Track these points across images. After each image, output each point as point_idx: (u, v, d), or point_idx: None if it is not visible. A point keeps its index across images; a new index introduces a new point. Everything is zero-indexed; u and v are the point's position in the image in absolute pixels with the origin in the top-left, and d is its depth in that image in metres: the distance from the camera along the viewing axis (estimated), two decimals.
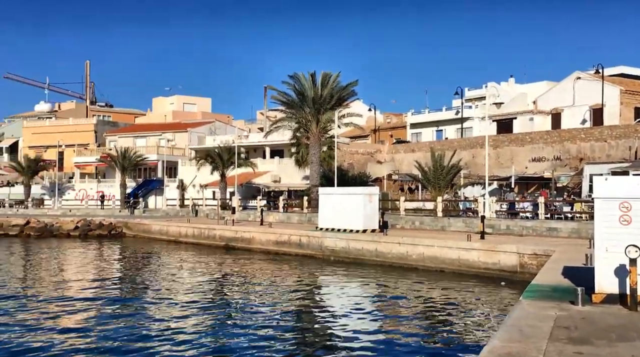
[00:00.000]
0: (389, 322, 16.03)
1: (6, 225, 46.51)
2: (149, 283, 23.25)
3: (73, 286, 22.45)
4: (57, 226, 45.46)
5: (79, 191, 64.07)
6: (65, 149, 69.40)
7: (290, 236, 31.89)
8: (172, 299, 19.56)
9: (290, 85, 41.62)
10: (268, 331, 14.93)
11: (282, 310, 17.68)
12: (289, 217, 39.84)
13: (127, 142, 66.59)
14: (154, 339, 14.18)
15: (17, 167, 64.27)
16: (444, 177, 36.60)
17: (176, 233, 40.23)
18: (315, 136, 41.65)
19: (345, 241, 28.88)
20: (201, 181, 56.32)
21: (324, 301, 19.70)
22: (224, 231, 36.66)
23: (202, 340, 14.08)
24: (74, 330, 15.10)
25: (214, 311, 17.49)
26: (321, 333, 14.95)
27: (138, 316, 16.86)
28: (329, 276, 24.39)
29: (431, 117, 62.29)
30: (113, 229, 45.23)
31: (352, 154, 55.73)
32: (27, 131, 78.06)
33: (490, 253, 23.03)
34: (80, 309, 17.90)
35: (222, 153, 51.54)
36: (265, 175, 54.47)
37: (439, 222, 31.45)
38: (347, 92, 42.28)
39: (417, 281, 22.47)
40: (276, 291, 20.93)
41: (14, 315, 16.91)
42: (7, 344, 13.63)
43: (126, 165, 58.32)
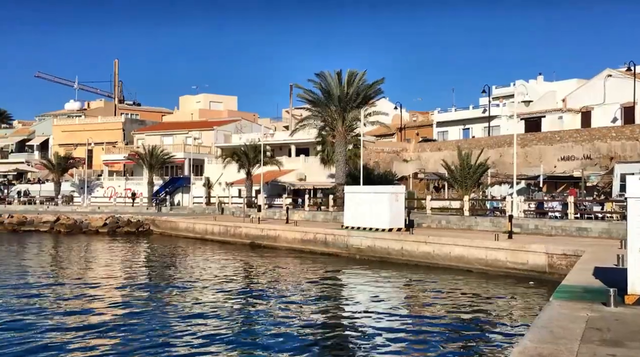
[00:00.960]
0: (416, 321, 15.91)
1: (37, 221, 47.39)
2: (176, 280, 23.47)
3: (101, 282, 22.78)
4: (86, 222, 46.16)
5: (108, 188, 65.02)
6: (94, 146, 70.44)
7: (316, 234, 31.92)
8: (198, 295, 19.73)
9: (316, 84, 41.62)
10: (294, 329, 14.95)
11: (308, 308, 17.71)
12: (314, 216, 39.88)
13: (154, 140, 67.32)
14: (179, 335, 14.30)
15: (47, 165, 65.41)
16: (471, 176, 36.26)
17: (202, 230, 40.56)
18: (341, 134, 41.57)
19: (371, 239, 28.81)
20: (227, 179, 56.67)
21: (349, 299, 19.67)
22: (250, 228, 36.85)
23: (227, 336, 14.16)
24: (102, 325, 15.32)
25: (240, 308, 17.61)
26: (347, 332, 14.92)
27: (165, 312, 17.04)
28: (354, 275, 24.36)
29: (458, 115, 61.75)
30: (140, 226, 45.76)
31: (378, 153, 55.53)
32: (58, 129, 79.35)
33: (518, 253, 22.75)
34: (108, 304, 18.18)
35: (248, 151, 51.79)
36: (291, 174, 54.59)
37: (465, 222, 31.18)
38: (373, 91, 42.10)
39: (444, 280, 22.30)
40: (302, 289, 20.97)
41: (43, 310, 17.21)
42: (34, 339, 13.87)
43: (153, 163, 58.97)
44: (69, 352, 12.82)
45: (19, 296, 19.31)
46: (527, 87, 57.00)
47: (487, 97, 57.73)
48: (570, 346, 7.46)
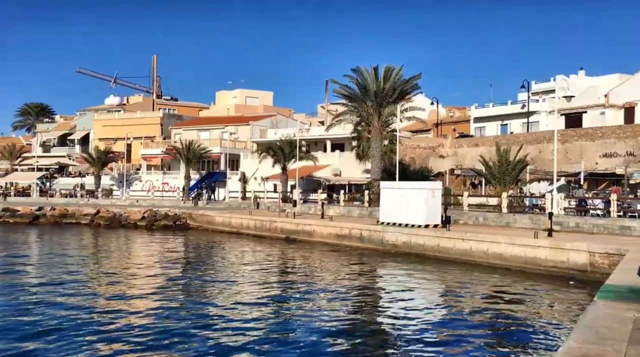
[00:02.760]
0: (453, 319, 15.72)
1: (78, 214, 48.45)
2: (212, 273, 23.69)
3: (139, 275, 23.17)
4: (125, 216, 46.98)
5: (146, 182, 66.14)
6: (133, 141, 71.73)
7: (351, 230, 31.85)
8: (234, 289, 19.90)
9: (352, 79, 41.50)
10: (328, 324, 14.93)
11: (342, 304, 17.66)
12: (350, 211, 39.80)
13: (191, 135, 68.11)
14: (214, 328, 14.42)
15: (88, 159, 66.85)
16: (509, 173, 35.69)
17: (238, 225, 40.88)
18: (377, 130, 41.38)
19: (406, 235, 28.61)
20: (263, 174, 57.00)
21: (385, 295, 19.54)
22: (285, 223, 36.98)
23: (262, 330, 14.24)
24: (138, 315, 15.56)
25: (275, 301, 17.67)
26: (382, 328, 14.84)
27: (201, 304, 17.21)
28: (390, 271, 24.22)
29: (496, 111, 60.82)
30: (178, 220, 46.35)
31: (414, 148, 55.10)
32: (98, 124, 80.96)
33: (558, 251, 22.29)
34: (144, 296, 18.45)
35: (284, 146, 51.99)
36: (326, 169, 54.59)
37: (503, 219, 30.69)
38: (409, 86, 41.75)
39: (482, 277, 22.00)
40: (336, 284, 20.93)
41: (82, 301, 17.57)
42: (70, 329, 14.17)
43: (190, 157, 59.70)
44: (108, 340, 13.06)
45: (57, 290, 19.73)
46: (568, 82, 55.77)
47: (526, 92, 56.68)
48: (618, 346, 7.24)
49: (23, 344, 12.74)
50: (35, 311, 15.97)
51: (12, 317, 15.15)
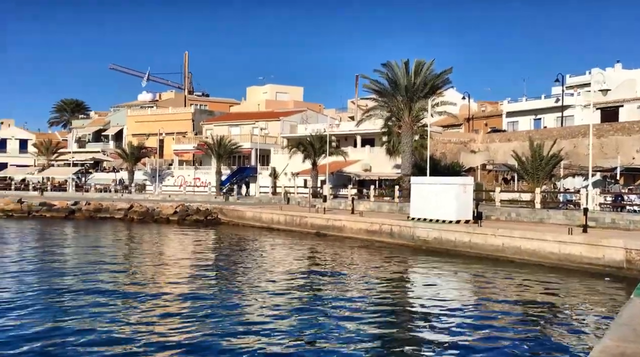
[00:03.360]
0: (486, 316, 15.57)
1: (112, 209, 49.30)
2: (243, 268, 23.88)
3: (172, 269, 23.49)
4: (157, 210, 47.65)
5: (178, 177, 66.97)
6: (165, 136, 72.63)
7: (382, 225, 31.76)
8: (264, 284, 19.99)
9: (382, 74, 41.27)
10: (359, 320, 14.93)
11: (373, 299, 17.64)
12: (380, 207, 39.69)
13: (222, 131, 68.67)
14: (245, 324, 14.52)
15: (121, 154, 67.95)
16: (542, 168, 35.13)
17: (269, 220, 41.09)
18: (408, 125, 41.12)
19: (437, 231, 28.41)
20: (293, 169, 57.16)
21: (415, 291, 19.46)
22: (315, 218, 37.06)
23: (292, 325, 14.30)
24: (171, 314, 15.78)
25: (305, 298, 17.73)
26: (412, 325, 14.75)
27: (231, 300, 17.36)
28: (420, 267, 24.09)
29: (529, 105, 59.86)
30: (209, 215, 46.81)
31: (445, 143, 54.63)
32: (131, 120, 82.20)
33: (593, 247, 21.87)
34: (177, 290, 18.69)
35: (314, 141, 52.05)
36: (356, 164, 54.50)
37: (537, 214, 30.23)
38: (440, 80, 41.36)
39: (514, 274, 21.71)
40: (367, 280, 20.92)
41: (115, 297, 17.89)
42: (103, 324, 14.44)
43: (221, 153, 60.22)
44: (141, 336, 13.28)
45: (92, 284, 20.13)
46: (604, 76, 54.56)
47: (560, 86, 55.64)
48: None
49: (57, 336, 13.04)
50: (69, 304, 16.33)
51: (48, 309, 15.53)
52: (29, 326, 13.82)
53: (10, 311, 15.34)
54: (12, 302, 16.36)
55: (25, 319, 14.48)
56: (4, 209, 50.20)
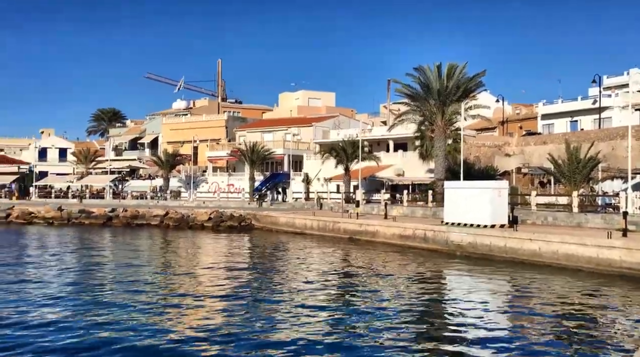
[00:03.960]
0: (522, 324, 15.27)
1: (148, 215, 50.06)
2: (277, 272, 23.98)
3: (207, 273, 23.74)
4: (192, 217, 48.20)
5: (212, 183, 67.70)
6: (199, 144, 73.60)
7: (415, 230, 31.57)
8: (298, 289, 20.01)
9: (414, 78, 41.14)
10: (393, 326, 14.86)
11: (406, 306, 17.51)
12: (413, 211, 39.45)
13: (255, 137, 69.22)
14: (278, 327, 14.60)
15: (157, 161, 69.03)
16: (580, 171, 34.48)
17: (302, 225, 41.21)
18: (440, 129, 40.85)
19: (472, 235, 28.10)
20: (325, 175, 57.27)
21: (450, 297, 19.21)
22: (348, 223, 37.02)
23: (326, 331, 14.31)
24: (207, 316, 15.97)
25: (339, 302, 17.74)
26: (447, 333, 14.53)
27: (265, 303, 17.47)
28: (455, 272, 23.85)
29: (565, 107, 58.83)
30: (243, 221, 47.16)
31: (479, 147, 54.05)
32: (166, 127, 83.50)
33: (634, 252, 21.34)
34: (212, 294, 18.88)
35: (346, 147, 52.09)
36: (389, 169, 54.32)
37: (574, 218, 29.66)
38: (473, 83, 41.02)
39: (552, 279, 21.34)
40: (400, 286, 20.78)
41: (151, 300, 18.19)
42: (137, 326, 14.70)
43: (254, 159, 60.66)
44: (176, 339, 13.47)
45: (130, 289, 20.50)
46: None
47: (597, 87, 54.54)
48: None
49: (95, 337, 13.34)
50: (106, 308, 16.64)
51: (86, 313, 15.88)
52: (69, 328, 14.19)
53: (53, 313, 15.74)
54: (56, 305, 16.79)
55: (65, 321, 14.84)
56: (44, 217, 51.46)
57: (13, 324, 14.62)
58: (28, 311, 16.21)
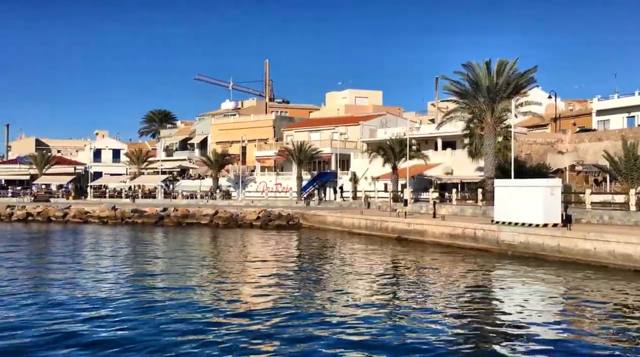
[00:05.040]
0: (577, 328, 14.77)
1: (198, 215, 50.98)
2: (324, 271, 24.05)
3: (256, 270, 24.00)
4: (241, 216, 48.85)
5: (260, 183, 68.39)
6: (247, 143, 74.40)
7: (465, 229, 31.12)
8: (345, 289, 20.03)
9: (463, 75, 40.54)
10: (442, 328, 14.70)
11: (457, 306, 17.29)
12: (462, 210, 38.91)
13: (302, 136, 69.52)
14: (326, 327, 14.57)
15: (206, 161, 70.18)
16: (637, 168, 33.34)
17: (349, 224, 41.20)
18: (490, 126, 40.17)
19: (524, 235, 27.51)
20: (373, 173, 57.06)
21: (501, 299, 18.79)
22: (396, 223, 36.80)
23: (374, 332, 14.23)
24: (255, 312, 16.15)
25: (387, 303, 17.63)
26: (498, 336, 14.11)
27: (312, 299, 17.56)
28: (506, 272, 23.38)
29: (622, 102, 56.87)
30: (291, 220, 47.52)
31: (530, 145, 52.84)
32: (215, 128, 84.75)
33: None
34: (260, 293, 19.08)
35: (394, 145, 51.78)
36: (437, 168, 53.72)
37: (632, 217, 28.67)
38: (524, 80, 40.10)
39: (608, 280, 20.68)
40: (451, 286, 20.52)
41: (206, 297, 18.52)
42: (187, 321, 14.99)
43: (302, 158, 60.98)
44: (219, 336, 13.67)
45: (183, 285, 20.92)
46: None
47: None
48: None
49: (149, 327, 13.69)
50: (160, 307, 17.03)
51: (140, 306, 16.31)
52: (121, 322, 14.69)
53: (107, 308, 16.27)
54: (109, 300, 17.31)
55: (119, 314, 15.30)
56: (99, 216, 53.06)
57: (69, 317, 15.16)
58: (85, 304, 16.81)
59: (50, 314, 15.74)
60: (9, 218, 55.21)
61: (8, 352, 12.43)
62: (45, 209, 56.32)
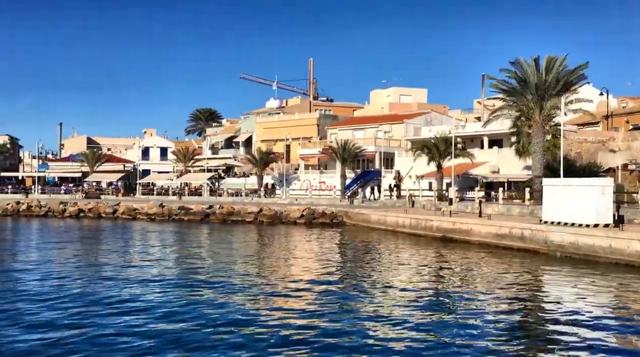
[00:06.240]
0: (632, 338, 14.24)
1: (243, 212, 51.59)
2: (367, 270, 23.99)
3: (299, 267, 24.18)
4: (285, 214, 49.21)
5: (304, 181, 68.70)
6: (291, 142, 74.82)
7: (512, 229, 30.56)
8: (388, 288, 19.83)
9: (510, 72, 39.84)
10: (489, 331, 14.49)
11: (502, 310, 16.88)
12: (509, 210, 38.23)
13: (346, 135, 69.48)
14: (367, 327, 14.53)
15: (251, 160, 70.92)
16: None
17: (393, 223, 40.99)
18: (538, 124, 39.37)
19: (573, 235, 26.84)
20: (417, 172, 56.63)
21: (549, 303, 18.05)
22: (441, 222, 36.42)
23: (417, 334, 14.14)
24: (298, 309, 16.26)
25: (429, 304, 17.46)
26: (545, 342, 13.77)
27: (352, 302, 17.48)
28: (555, 274, 22.86)
29: None
30: (334, 218, 47.61)
31: (580, 143, 51.49)
32: (259, 126, 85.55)
33: None
34: (304, 288, 19.20)
35: (438, 144, 51.27)
36: (483, 166, 52.93)
37: None
38: (575, 76, 39.13)
39: None
40: (497, 288, 20.12)
41: (246, 291, 18.75)
42: (230, 318, 15.18)
43: (346, 156, 60.96)
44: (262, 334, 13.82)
45: (228, 284, 21.22)
46: None
47: None
48: None
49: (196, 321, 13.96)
50: (205, 301, 17.34)
51: (187, 299, 16.65)
52: (166, 316, 15.08)
53: (154, 301, 16.68)
54: (155, 294, 17.74)
55: (165, 306, 15.66)
56: (147, 213, 54.27)
57: (121, 312, 15.60)
58: (131, 297, 17.27)
59: (96, 308, 16.21)
60: (62, 214, 57.03)
61: (59, 344, 12.87)
62: (96, 205, 57.97)
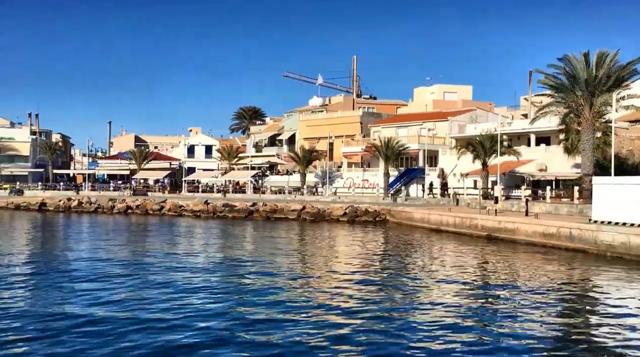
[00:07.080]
0: None
1: (286, 210, 51.96)
2: (410, 270, 23.84)
3: (342, 265, 24.19)
4: (328, 211, 49.32)
5: (347, 179, 68.67)
6: (334, 140, 74.88)
7: (560, 228, 29.88)
8: (431, 288, 19.72)
9: (558, 68, 38.98)
10: (536, 334, 14.23)
11: (548, 313, 16.53)
12: (557, 208, 37.37)
13: (389, 132, 69.08)
14: (408, 328, 14.44)
15: (294, 157, 71.29)
16: None
17: (437, 221, 40.58)
18: (588, 121, 38.36)
19: (625, 235, 26.07)
20: (462, 170, 55.92)
21: (599, 307, 17.47)
22: (486, 220, 35.88)
23: (460, 336, 13.99)
24: (339, 307, 16.28)
25: (472, 305, 17.24)
26: (594, 349, 13.43)
27: (398, 298, 17.51)
28: (606, 275, 22.24)
29: None
30: (377, 216, 47.47)
31: (632, 140, 49.94)
32: (302, 124, 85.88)
33: None
34: (345, 286, 19.23)
35: (484, 141, 50.49)
36: (530, 164, 51.87)
37: None
38: (627, 72, 37.99)
39: None
40: (542, 290, 19.65)
41: (288, 288, 18.90)
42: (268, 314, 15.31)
43: (389, 154, 60.61)
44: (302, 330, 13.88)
45: (272, 277, 21.43)
46: None
47: None
48: None
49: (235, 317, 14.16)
50: (248, 297, 17.59)
51: (229, 293, 16.90)
52: (209, 308, 15.41)
53: (198, 294, 17.00)
54: (199, 290, 18.09)
55: (209, 299, 15.95)
56: (193, 210, 55.23)
57: (162, 305, 15.95)
58: (176, 292, 17.63)
59: (142, 303, 16.64)
60: (111, 211, 58.58)
61: (109, 333, 13.26)
62: (143, 202, 59.33)
